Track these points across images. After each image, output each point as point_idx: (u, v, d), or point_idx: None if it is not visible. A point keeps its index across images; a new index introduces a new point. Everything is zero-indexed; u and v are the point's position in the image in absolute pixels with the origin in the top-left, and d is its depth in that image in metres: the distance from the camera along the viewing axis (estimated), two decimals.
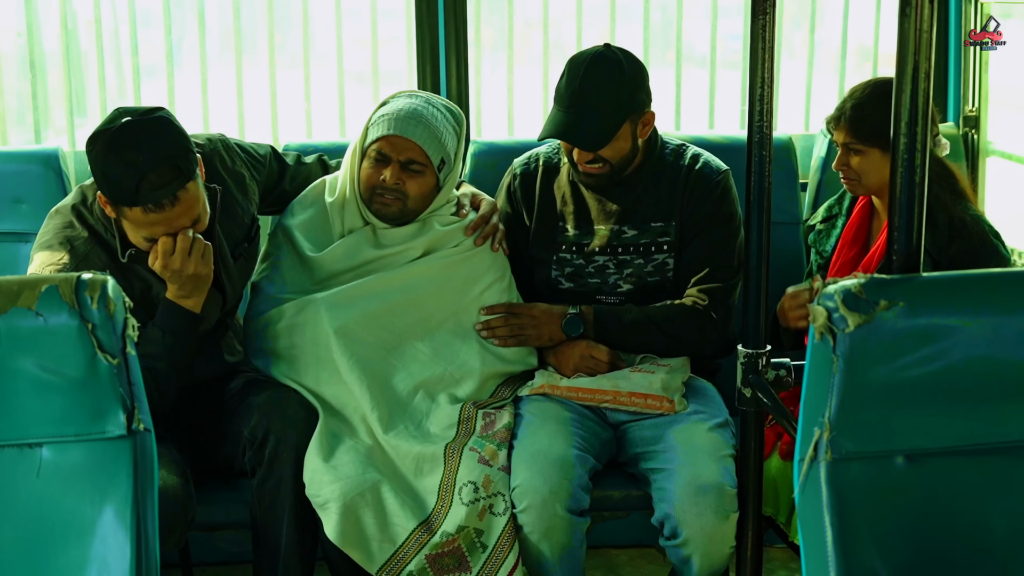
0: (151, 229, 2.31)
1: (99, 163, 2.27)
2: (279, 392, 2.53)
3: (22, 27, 3.49)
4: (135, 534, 1.53)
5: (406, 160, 2.60)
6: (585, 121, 2.56)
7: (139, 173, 2.23)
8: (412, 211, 2.65)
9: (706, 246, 2.68)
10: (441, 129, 2.62)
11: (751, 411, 2.21)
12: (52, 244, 2.39)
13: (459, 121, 2.70)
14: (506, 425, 2.54)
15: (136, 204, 2.26)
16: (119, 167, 2.24)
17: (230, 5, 3.52)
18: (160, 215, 2.28)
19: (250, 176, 2.67)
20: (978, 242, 2.55)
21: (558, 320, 2.68)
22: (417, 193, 2.63)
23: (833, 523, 1.46)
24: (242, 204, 2.61)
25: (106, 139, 2.25)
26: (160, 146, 2.25)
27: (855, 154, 2.60)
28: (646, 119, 2.64)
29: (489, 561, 2.35)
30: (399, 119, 2.59)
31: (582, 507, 2.41)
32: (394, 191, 2.61)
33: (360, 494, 2.36)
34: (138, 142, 2.24)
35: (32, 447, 1.55)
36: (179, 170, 2.27)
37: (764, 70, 2.08)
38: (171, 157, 2.26)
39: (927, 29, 1.55)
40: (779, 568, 3.17)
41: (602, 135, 2.58)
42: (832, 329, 1.43)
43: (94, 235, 2.41)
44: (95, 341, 1.50)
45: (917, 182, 1.57)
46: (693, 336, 2.66)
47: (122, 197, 2.26)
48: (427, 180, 2.63)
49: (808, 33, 3.73)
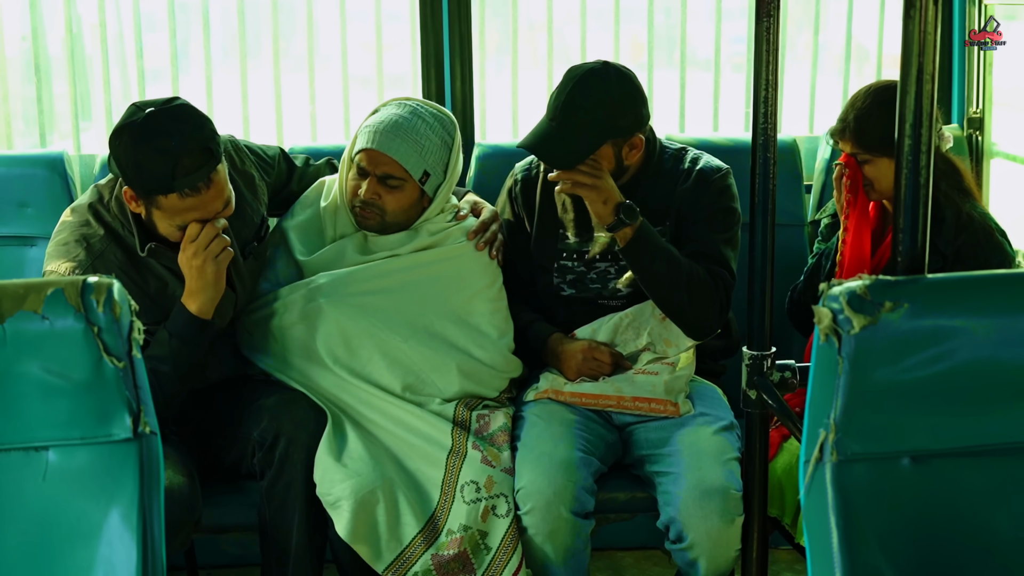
0: (186, 215, 2.33)
1: (129, 155, 2.28)
2: (288, 394, 2.54)
3: (27, 31, 3.50)
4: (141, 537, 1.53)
5: (383, 175, 2.59)
6: (563, 139, 2.54)
7: (173, 158, 2.25)
8: (394, 224, 2.65)
9: (704, 233, 2.64)
10: (423, 142, 2.60)
11: (756, 413, 2.21)
12: (68, 242, 2.41)
13: (449, 130, 2.67)
14: (502, 427, 2.54)
15: (172, 191, 2.28)
16: (151, 155, 2.26)
17: (234, 9, 3.53)
18: (196, 199, 2.31)
19: (259, 177, 2.68)
20: (984, 237, 2.58)
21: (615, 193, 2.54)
22: (396, 207, 2.62)
23: (839, 524, 1.46)
24: (252, 204, 2.62)
25: (133, 131, 2.27)
26: (189, 131, 2.29)
27: (864, 164, 2.61)
28: (633, 142, 2.60)
29: (493, 563, 2.36)
30: (378, 132, 2.58)
31: (586, 509, 2.41)
32: (371, 205, 2.61)
33: (372, 491, 2.37)
34: (167, 129, 2.26)
35: (38, 450, 1.55)
36: (211, 152, 2.31)
37: (768, 72, 2.08)
38: (201, 140, 2.30)
39: (931, 31, 1.55)
40: (785, 570, 3.17)
41: (573, 156, 2.54)
42: (837, 331, 1.43)
43: (111, 233, 2.42)
44: (101, 344, 1.50)
45: (922, 183, 1.57)
46: (703, 297, 2.58)
47: (157, 185, 2.28)
48: (407, 194, 2.62)
49: (812, 35, 3.73)
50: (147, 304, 2.40)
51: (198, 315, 2.38)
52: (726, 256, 2.64)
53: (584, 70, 2.56)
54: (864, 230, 2.63)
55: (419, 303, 2.63)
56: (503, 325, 2.71)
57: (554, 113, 2.56)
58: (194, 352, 2.40)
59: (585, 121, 2.53)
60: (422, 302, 2.63)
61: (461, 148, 2.72)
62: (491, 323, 2.69)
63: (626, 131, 2.58)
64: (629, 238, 2.54)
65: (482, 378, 2.65)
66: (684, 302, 2.58)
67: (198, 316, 2.38)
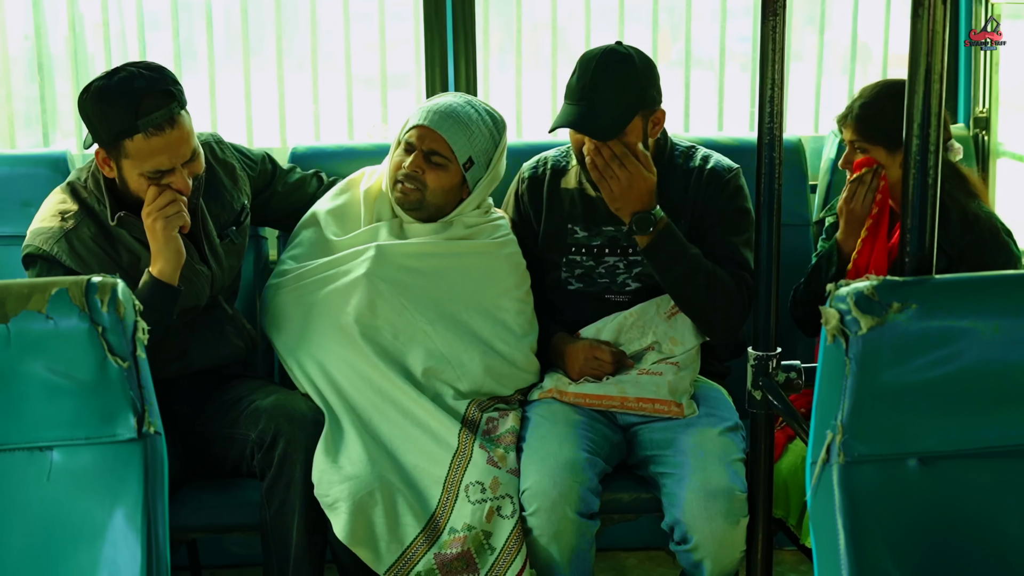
0: (154, 160, 2.39)
1: (95, 104, 2.39)
2: (286, 395, 2.54)
3: (29, 30, 3.50)
4: (146, 537, 1.53)
5: (429, 150, 2.63)
6: (597, 112, 2.55)
7: (136, 99, 2.35)
8: (432, 204, 2.67)
9: (724, 237, 2.65)
10: (473, 128, 2.64)
11: (761, 413, 2.20)
12: (45, 217, 2.49)
13: (499, 127, 2.72)
14: (510, 430, 2.53)
15: (137, 131, 2.36)
16: (115, 99, 2.36)
17: (238, 8, 3.53)
18: (162, 139, 2.38)
19: (240, 168, 2.74)
20: (989, 236, 2.58)
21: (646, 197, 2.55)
22: (436, 185, 2.64)
23: (845, 526, 1.46)
24: (231, 191, 2.67)
25: (98, 83, 2.40)
26: (150, 76, 2.40)
27: (861, 152, 2.63)
28: (657, 117, 2.63)
29: (497, 563, 2.35)
30: (431, 111, 2.63)
31: (591, 510, 2.41)
32: (413, 179, 2.64)
33: (369, 493, 2.36)
34: (130, 75, 2.38)
35: (42, 450, 1.55)
36: (172, 94, 2.40)
37: (774, 72, 2.07)
38: (163, 83, 2.40)
39: (939, 30, 1.55)
40: (789, 571, 3.17)
41: (614, 126, 2.55)
42: (845, 331, 1.42)
43: (84, 208, 2.49)
44: (105, 344, 1.50)
45: (930, 184, 1.57)
46: (725, 301, 2.58)
47: (123, 128, 2.36)
48: (449, 175, 2.64)
49: (818, 35, 3.72)
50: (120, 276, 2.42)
51: (159, 278, 2.41)
52: (746, 258, 2.64)
53: (602, 51, 2.58)
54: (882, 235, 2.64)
55: (448, 290, 2.65)
56: (527, 325, 2.72)
57: (581, 94, 2.56)
58: (161, 318, 2.39)
59: (615, 95, 2.55)
60: (451, 290, 2.65)
61: (506, 151, 2.74)
62: (516, 321, 2.69)
63: (652, 102, 2.60)
64: (645, 244, 2.56)
65: (501, 373, 2.65)
66: (706, 305, 2.59)
67: (160, 279, 2.41)
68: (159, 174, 2.41)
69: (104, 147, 2.42)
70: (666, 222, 2.56)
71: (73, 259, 2.43)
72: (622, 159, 2.53)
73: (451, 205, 2.70)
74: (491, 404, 2.62)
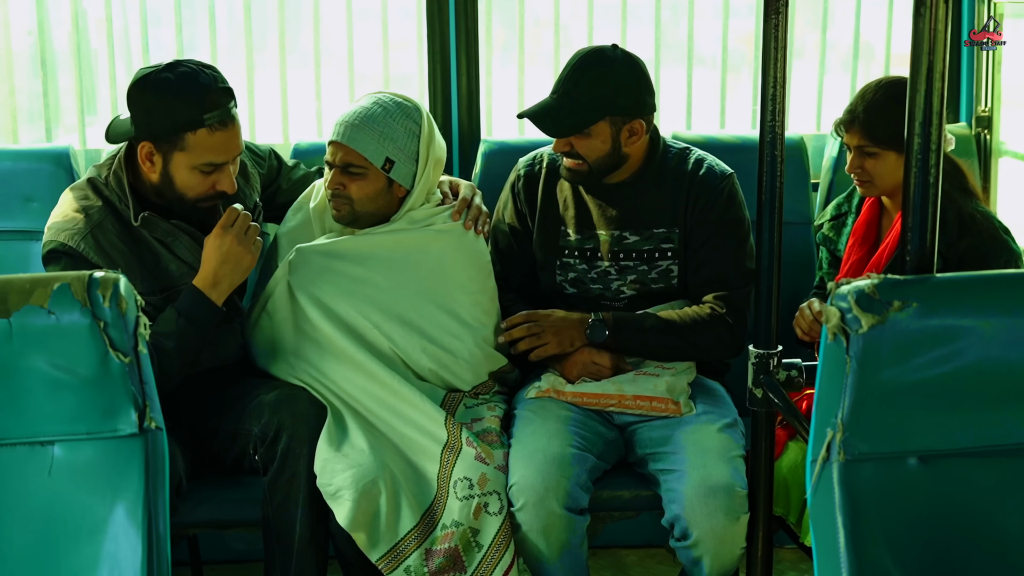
0: (213, 155, 2.43)
1: (158, 95, 2.40)
2: (288, 390, 2.54)
3: (32, 26, 3.50)
4: (147, 532, 1.53)
5: (344, 164, 2.60)
6: (561, 110, 2.57)
7: (202, 93, 2.40)
8: (365, 213, 2.64)
9: (717, 253, 2.66)
10: (382, 128, 2.59)
11: (762, 411, 2.20)
12: (68, 212, 2.47)
13: (413, 117, 2.63)
14: (489, 429, 2.53)
15: (202, 125, 2.40)
16: (181, 91, 2.39)
17: (240, 4, 3.53)
18: (224, 134, 2.43)
19: (252, 165, 2.76)
20: (988, 238, 2.55)
21: (578, 327, 2.66)
22: (361, 195, 2.62)
23: (845, 524, 1.46)
24: (244, 189, 2.68)
25: (158, 75, 2.41)
26: (211, 72, 2.45)
27: (869, 157, 2.59)
28: (632, 127, 2.60)
29: (483, 562, 2.35)
30: (338, 124, 2.61)
31: (580, 505, 2.41)
32: (338, 196, 2.63)
33: (373, 481, 2.36)
34: (194, 71, 2.42)
35: (44, 445, 1.55)
36: (230, 92, 2.47)
37: (776, 70, 2.07)
38: (223, 80, 2.46)
39: (942, 29, 1.54)
40: (789, 569, 3.17)
41: (569, 123, 2.57)
42: (845, 330, 1.42)
43: (108, 205, 2.48)
44: (107, 339, 1.50)
45: (931, 182, 1.57)
46: (711, 343, 2.65)
47: (188, 121, 2.39)
48: (370, 182, 2.61)
49: (820, 33, 3.72)
50: (143, 274, 2.46)
51: (213, 299, 2.43)
52: (741, 274, 2.67)
53: (587, 50, 2.61)
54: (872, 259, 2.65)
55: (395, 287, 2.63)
56: (483, 317, 2.70)
57: (555, 88, 2.60)
58: (201, 334, 2.44)
59: (584, 94, 2.56)
60: (399, 286, 2.63)
61: (435, 135, 2.68)
62: (471, 314, 2.68)
63: (625, 111, 2.58)
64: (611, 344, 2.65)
65: (453, 370, 2.64)
66: (692, 351, 2.68)
67: (210, 299, 2.43)
68: (211, 167, 2.44)
69: (157, 140, 2.42)
70: (611, 316, 2.65)
71: (99, 255, 2.41)
72: (528, 327, 2.66)
73: (391, 207, 2.66)
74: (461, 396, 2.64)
